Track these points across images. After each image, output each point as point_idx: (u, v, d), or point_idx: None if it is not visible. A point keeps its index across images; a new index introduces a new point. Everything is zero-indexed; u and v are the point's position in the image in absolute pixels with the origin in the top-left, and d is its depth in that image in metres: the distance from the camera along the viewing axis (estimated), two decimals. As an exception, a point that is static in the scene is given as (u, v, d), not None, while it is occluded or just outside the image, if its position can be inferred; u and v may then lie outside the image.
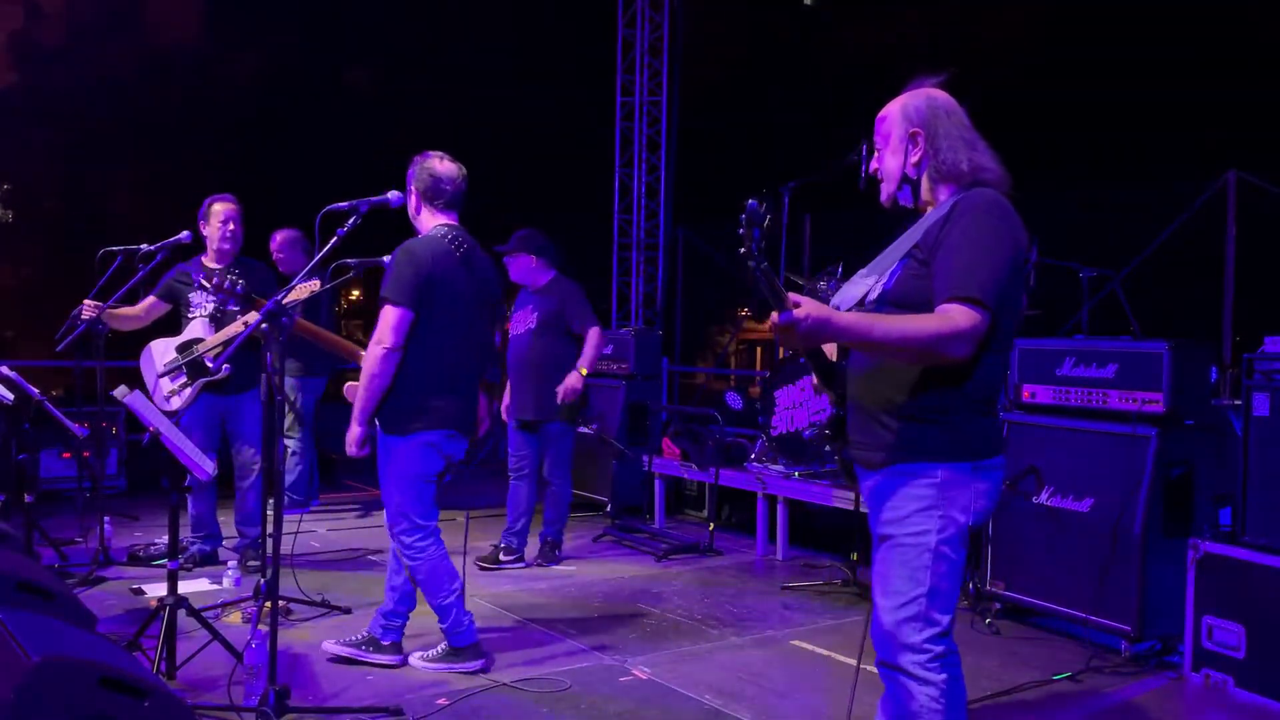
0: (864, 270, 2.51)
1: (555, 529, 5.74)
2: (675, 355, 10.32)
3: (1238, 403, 4.18)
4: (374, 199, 3.44)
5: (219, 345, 4.95)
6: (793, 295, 2.11)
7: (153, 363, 5.16)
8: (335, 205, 3.47)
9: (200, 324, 5.15)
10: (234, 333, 4.84)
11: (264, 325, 3.22)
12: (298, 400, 6.63)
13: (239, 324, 4.76)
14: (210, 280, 4.02)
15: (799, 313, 2.10)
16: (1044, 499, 4.47)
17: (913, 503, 2.35)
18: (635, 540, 6.31)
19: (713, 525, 6.31)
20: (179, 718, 2.21)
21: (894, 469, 2.38)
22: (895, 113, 2.51)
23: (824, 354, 2.56)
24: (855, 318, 2.21)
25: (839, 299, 2.48)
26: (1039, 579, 4.49)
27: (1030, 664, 4.14)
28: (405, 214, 3.87)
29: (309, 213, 3.68)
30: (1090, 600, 4.22)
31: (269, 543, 3.25)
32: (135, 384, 3.80)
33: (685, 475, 6.82)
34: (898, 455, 2.37)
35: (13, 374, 4.90)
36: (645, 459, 6.93)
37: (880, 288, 2.44)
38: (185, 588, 4.30)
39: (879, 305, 2.42)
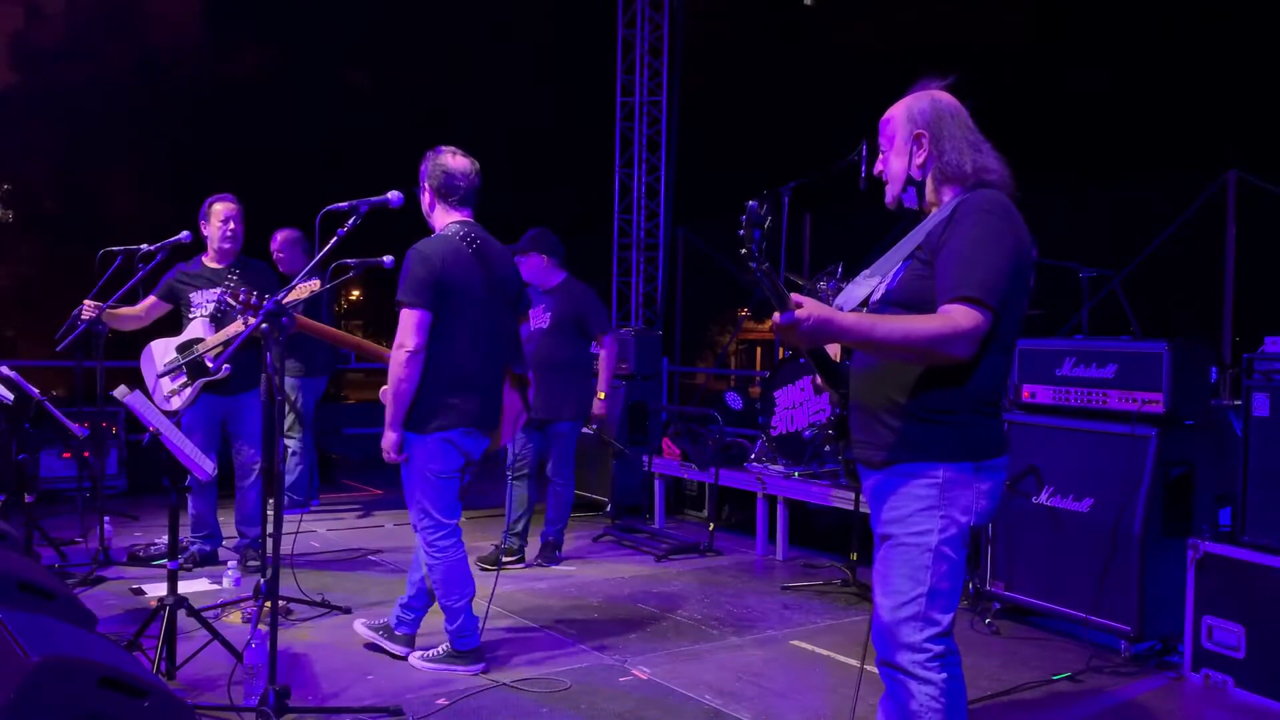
0: (867, 271, 2.51)
1: (556, 529, 5.74)
2: (675, 355, 10.32)
3: (1238, 403, 4.18)
4: (374, 199, 3.43)
5: (219, 345, 4.95)
6: (794, 295, 2.11)
7: (153, 363, 5.17)
8: (335, 205, 3.47)
9: (201, 324, 5.15)
10: (234, 333, 4.84)
11: (264, 325, 3.22)
12: (298, 400, 6.63)
13: (239, 324, 4.75)
14: (236, 297, 4.03)
15: (801, 313, 2.10)
16: (1044, 499, 4.47)
17: (914, 502, 2.35)
18: (635, 540, 6.31)
19: (713, 525, 6.31)
20: (179, 718, 2.21)
21: (896, 468, 2.38)
22: (900, 115, 2.50)
23: (827, 354, 2.56)
24: (857, 318, 2.21)
25: (842, 299, 2.48)
26: (1039, 579, 4.49)
27: (1030, 664, 4.14)
28: (405, 214, 3.85)
29: (309, 213, 3.68)
30: (1090, 600, 4.22)
31: (269, 543, 3.25)
32: (135, 384, 3.80)
33: (685, 475, 6.82)
34: (900, 455, 2.37)
35: (13, 374, 4.90)
36: (645, 459, 6.93)
37: (883, 288, 2.44)
38: (185, 588, 4.30)
39: (882, 306, 2.42)
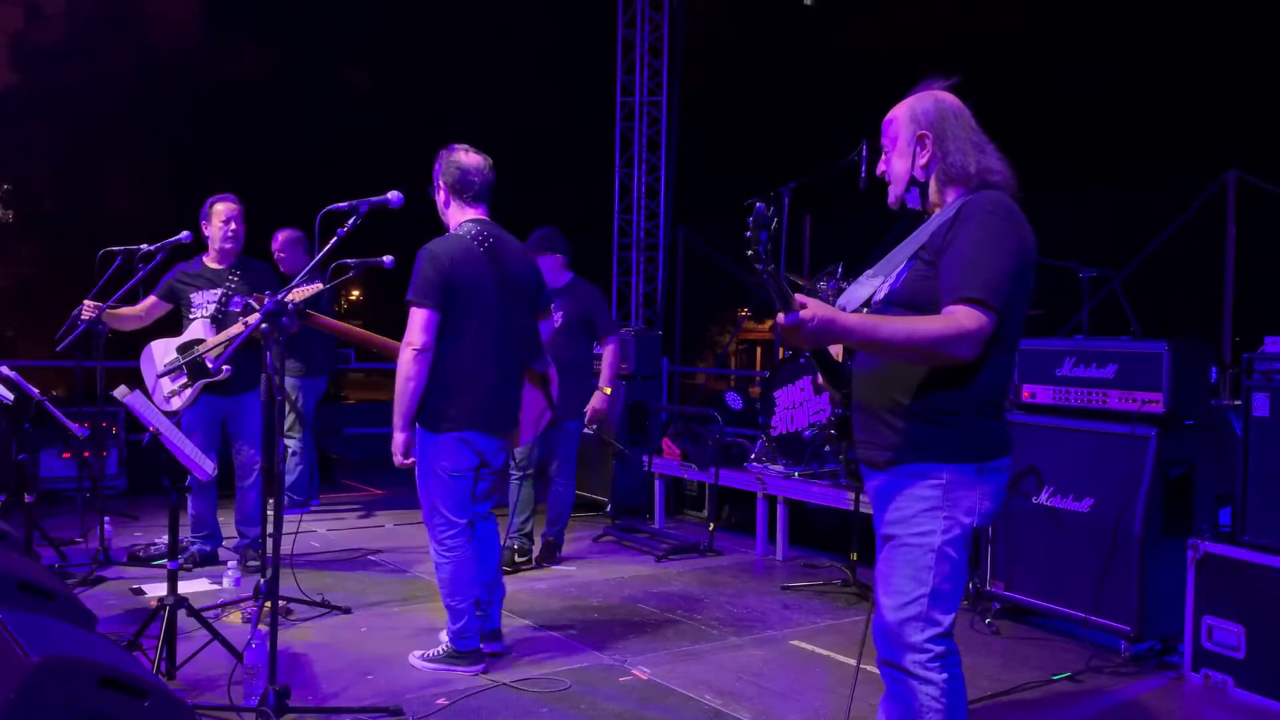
0: (870, 271, 2.51)
1: (557, 529, 5.74)
2: (675, 355, 10.32)
3: (1238, 403, 4.18)
4: (374, 199, 3.43)
5: (219, 346, 4.95)
6: (799, 297, 2.11)
7: (153, 363, 5.16)
8: (335, 205, 3.47)
9: (201, 325, 5.14)
10: (235, 333, 4.83)
11: (264, 325, 3.22)
12: (299, 400, 6.63)
13: (240, 324, 4.75)
14: (261, 302, 4.04)
15: (805, 314, 2.10)
16: (1044, 499, 4.47)
17: (918, 503, 2.35)
18: (635, 540, 6.31)
19: (713, 525, 6.30)
20: (179, 718, 2.21)
21: (900, 469, 2.38)
22: (903, 115, 2.49)
23: (829, 354, 2.55)
24: (860, 319, 2.21)
25: (845, 300, 2.48)
26: (1039, 579, 4.49)
27: (1030, 664, 4.14)
28: (405, 214, 3.84)
29: (309, 213, 3.68)
30: (1090, 600, 4.22)
31: (269, 543, 3.25)
32: (135, 384, 3.80)
33: (685, 475, 6.82)
34: (904, 456, 2.37)
35: (13, 374, 4.90)
36: (645, 459, 6.93)
37: (887, 288, 2.44)
38: (185, 588, 4.30)
39: (885, 306, 2.41)
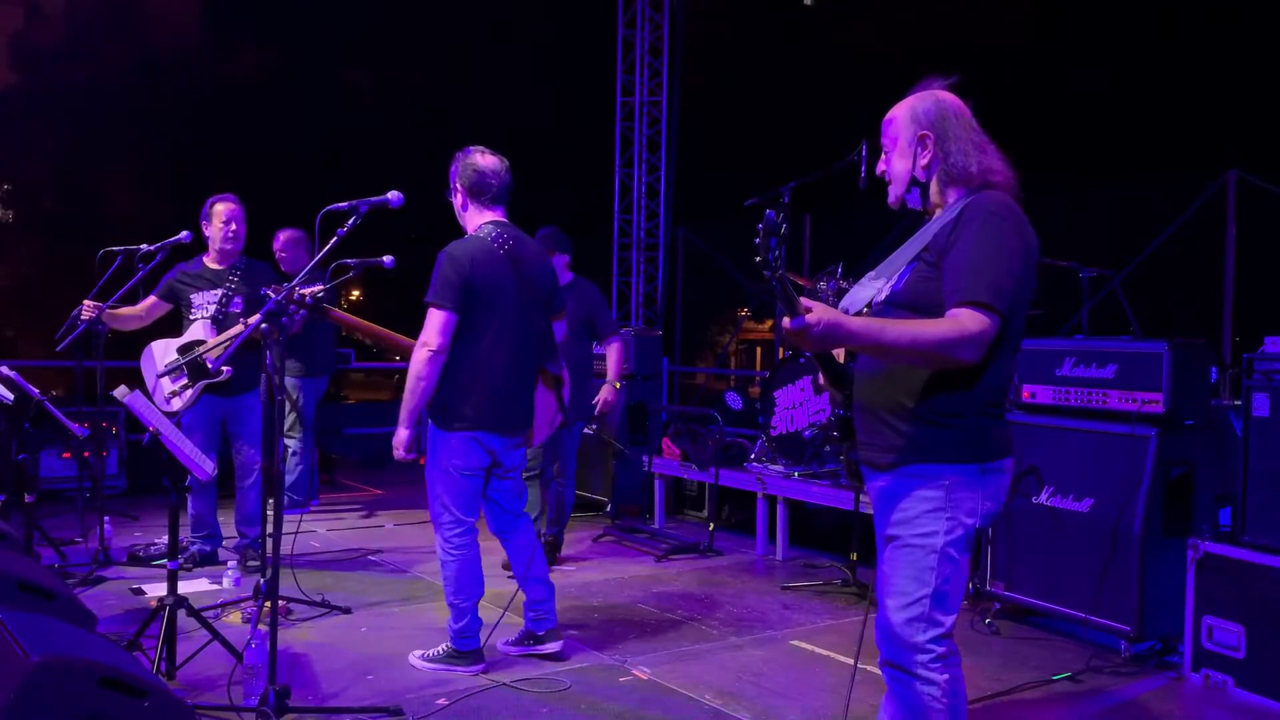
0: (872, 273, 2.49)
1: (556, 530, 5.74)
2: (675, 355, 10.32)
3: (1238, 403, 4.18)
4: (374, 199, 3.43)
5: (220, 346, 4.95)
6: (805, 300, 2.10)
7: (153, 363, 5.16)
8: (335, 205, 3.47)
9: (202, 325, 5.14)
10: (236, 334, 4.83)
11: (264, 325, 3.22)
12: (299, 400, 6.63)
13: (240, 325, 4.75)
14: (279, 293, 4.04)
15: (811, 318, 2.09)
16: (1044, 499, 4.47)
17: (921, 504, 2.35)
18: (635, 540, 6.31)
19: (713, 525, 6.31)
20: (179, 718, 2.21)
21: (903, 471, 2.38)
22: (903, 115, 2.48)
23: (832, 356, 2.55)
24: (865, 322, 2.20)
25: (847, 302, 2.47)
26: (1039, 579, 4.49)
27: (1030, 664, 4.14)
28: (405, 214, 3.84)
29: (309, 213, 3.67)
30: (1090, 600, 4.22)
31: (269, 543, 3.25)
32: (135, 384, 3.80)
33: (685, 475, 6.82)
34: (907, 457, 2.36)
35: (13, 374, 4.90)
36: (645, 459, 6.93)
37: (889, 290, 2.43)
38: (185, 588, 4.30)
39: (887, 308, 2.40)
